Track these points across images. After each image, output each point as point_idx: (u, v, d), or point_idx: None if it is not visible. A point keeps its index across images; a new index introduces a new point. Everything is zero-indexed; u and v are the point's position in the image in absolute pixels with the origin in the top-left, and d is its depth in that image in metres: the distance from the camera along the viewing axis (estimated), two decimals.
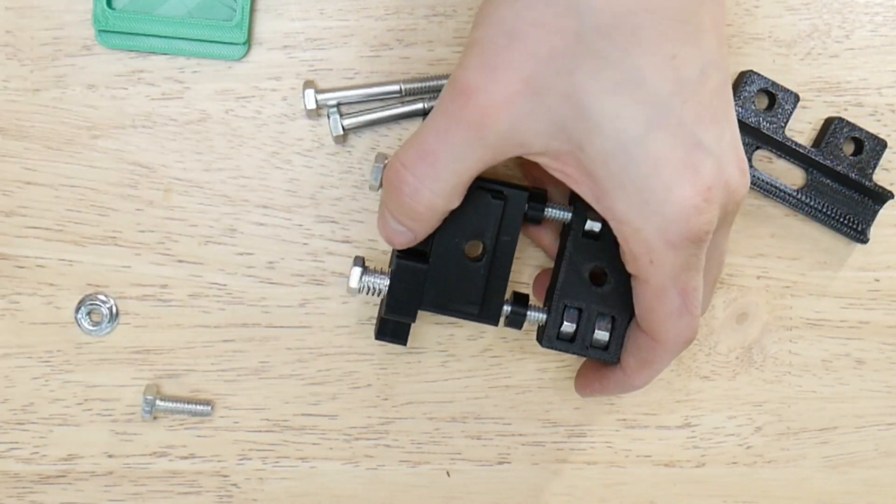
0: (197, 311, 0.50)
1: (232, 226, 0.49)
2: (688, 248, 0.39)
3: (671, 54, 0.38)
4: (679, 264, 0.40)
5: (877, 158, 0.51)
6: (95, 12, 0.47)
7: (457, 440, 0.52)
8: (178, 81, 0.49)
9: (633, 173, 0.38)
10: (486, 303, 0.45)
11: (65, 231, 0.49)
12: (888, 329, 0.53)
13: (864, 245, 0.52)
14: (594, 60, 0.37)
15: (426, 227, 0.43)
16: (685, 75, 0.38)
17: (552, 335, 0.45)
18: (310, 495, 0.51)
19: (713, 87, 0.39)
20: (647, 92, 0.37)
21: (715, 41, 0.39)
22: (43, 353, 0.49)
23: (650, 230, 0.39)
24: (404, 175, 0.41)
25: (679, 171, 0.38)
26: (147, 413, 0.49)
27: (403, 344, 0.47)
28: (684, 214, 0.38)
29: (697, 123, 0.38)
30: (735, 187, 0.40)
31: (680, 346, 0.43)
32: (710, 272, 0.43)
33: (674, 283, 0.40)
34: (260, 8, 0.49)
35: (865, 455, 0.53)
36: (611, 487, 0.53)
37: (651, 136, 0.38)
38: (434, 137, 0.40)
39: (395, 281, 0.45)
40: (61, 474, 0.50)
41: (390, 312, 0.45)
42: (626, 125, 0.38)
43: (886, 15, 0.51)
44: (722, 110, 0.39)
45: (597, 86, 0.38)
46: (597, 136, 0.38)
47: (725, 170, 0.39)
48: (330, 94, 0.48)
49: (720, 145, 0.39)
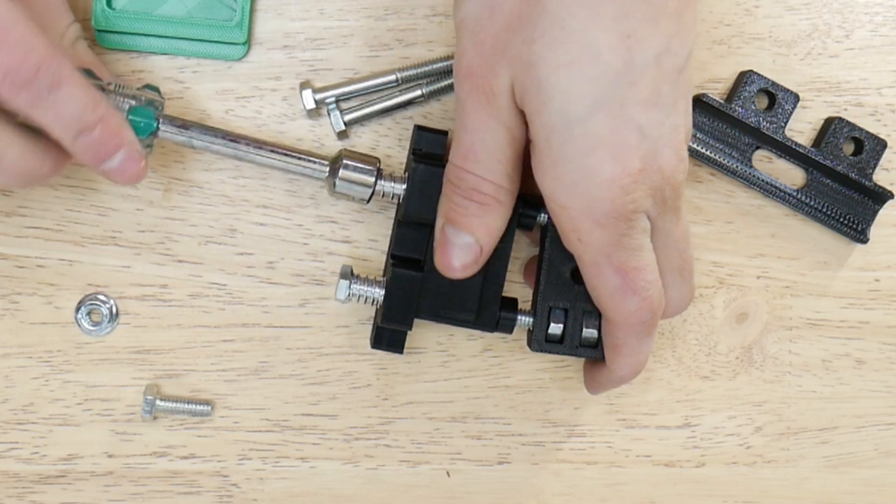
0: (197, 311, 0.50)
1: (232, 226, 0.49)
2: (615, 226, 0.40)
3: (627, 33, 0.38)
4: (609, 242, 0.40)
5: (877, 158, 0.51)
6: (95, 12, 0.47)
7: (457, 440, 0.52)
8: (178, 81, 0.49)
9: (569, 151, 0.39)
10: (482, 310, 0.45)
11: (65, 231, 0.49)
12: (888, 329, 0.53)
13: (864, 245, 0.52)
14: (555, 31, 0.38)
15: (492, 230, 0.43)
16: (638, 56, 0.38)
17: (540, 338, 0.46)
18: (310, 495, 0.51)
19: (665, 72, 0.39)
20: (599, 69, 0.38)
21: (675, 26, 0.39)
22: (43, 353, 0.49)
23: (576, 208, 0.40)
24: (461, 172, 0.42)
25: (611, 152, 0.39)
26: (147, 413, 0.49)
27: (400, 352, 0.47)
28: (609, 194, 0.39)
29: (639, 106, 0.39)
30: (670, 172, 0.40)
31: (637, 328, 0.43)
32: (668, 261, 0.43)
33: (607, 261, 0.41)
34: (260, 8, 0.49)
35: (865, 455, 0.53)
36: (611, 487, 0.53)
37: (593, 117, 0.38)
38: (464, 133, 0.41)
39: (391, 289, 0.45)
40: (61, 474, 0.50)
41: (386, 321, 0.45)
42: (574, 102, 0.38)
43: (886, 15, 0.51)
44: (669, 96, 0.40)
45: (554, 58, 0.38)
46: (546, 111, 0.39)
47: (660, 154, 0.40)
48: (328, 92, 0.48)
49: (659, 130, 0.39)
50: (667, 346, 0.52)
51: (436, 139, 0.45)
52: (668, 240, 0.43)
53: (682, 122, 0.41)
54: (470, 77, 0.40)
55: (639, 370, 0.45)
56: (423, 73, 0.48)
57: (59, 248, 0.49)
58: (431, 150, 0.45)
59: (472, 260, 0.43)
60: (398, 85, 0.49)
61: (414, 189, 0.44)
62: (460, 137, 0.42)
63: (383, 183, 0.45)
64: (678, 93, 0.40)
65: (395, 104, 0.49)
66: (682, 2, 0.39)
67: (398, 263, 0.45)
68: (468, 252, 0.43)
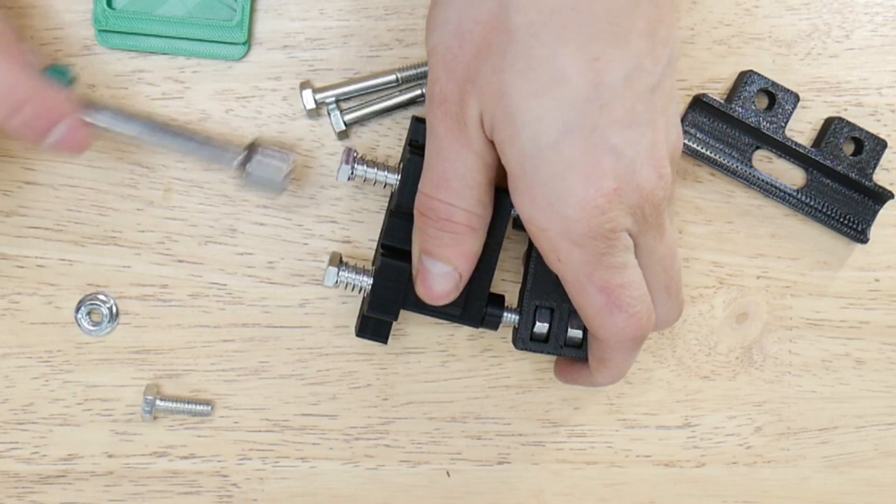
0: (197, 311, 0.50)
1: (232, 226, 0.49)
2: (593, 245, 0.40)
3: (594, 56, 0.38)
4: (589, 262, 0.40)
5: (877, 158, 0.51)
6: (95, 12, 0.47)
7: (457, 440, 0.52)
8: (178, 81, 0.49)
9: (543, 176, 0.39)
10: (469, 305, 0.45)
11: (65, 231, 0.49)
12: (888, 329, 0.53)
13: (864, 245, 0.52)
14: (523, 59, 0.38)
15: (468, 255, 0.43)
16: (607, 79, 0.38)
17: (525, 336, 0.46)
18: (310, 495, 0.51)
19: (637, 91, 0.39)
20: (568, 94, 0.38)
21: (647, 45, 0.39)
22: (43, 353, 0.49)
23: (553, 231, 0.40)
24: (432, 202, 0.42)
25: (585, 174, 0.39)
26: (147, 413, 0.49)
27: (384, 342, 0.47)
28: (585, 214, 0.39)
29: (612, 127, 0.39)
30: (649, 190, 0.40)
31: (625, 344, 0.43)
32: (655, 279, 0.43)
33: (590, 280, 0.41)
34: (260, 8, 0.49)
35: (865, 455, 0.53)
36: (611, 487, 0.53)
37: (564, 142, 0.38)
38: (436, 160, 0.41)
39: (379, 279, 0.45)
40: (61, 474, 0.50)
41: (372, 310, 0.45)
42: (545, 129, 0.38)
43: (886, 15, 0.51)
44: (645, 116, 0.39)
45: (523, 85, 0.38)
46: (518, 139, 0.39)
47: (638, 172, 0.40)
48: (328, 92, 0.48)
49: (635, 149, 0.39)
50: (667, 346, 0.52)
51: None
52: (653, 257, 0.42)
53: (661, 139, 0.40)
54: (443, 105, 0.40)
55: (619, 379, 0.46)
56: (423, 73, 0.48)
57: (59, 248, 0.49)
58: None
59: (453, 287, 0.43)
60: (398, 85, 0.49)
61: (408, 180, 0.44)
62: (431, 165, 0.41)
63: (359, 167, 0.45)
64: (655, 110, 0.40)
65: (396, 104, 0.49)
66: (652, 19, 0.39)
67: (388, 254, 0.45)
68: (447, 280, 0.43)
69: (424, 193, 0.42)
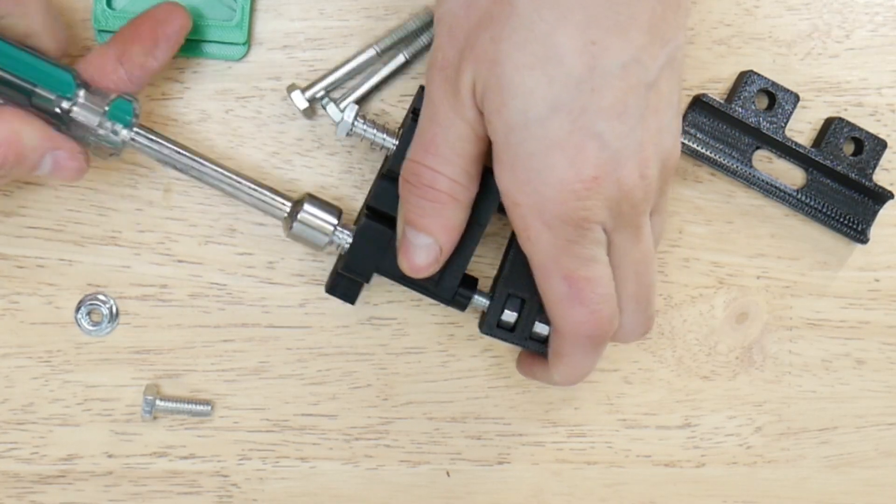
0: (197, 311, 0.50)
1: (232, 226, 0.49)
2: (564, 230, 0.40)
3: (592, 39, 0.38)
4: (558, 246, 0.40)
5: (877, 158, 0.51)
6: (95, 12, 0.47)
7: (457, 440, 0.52)
8: (178, 81, 0.49)
9: (526, 150, 0.39)
10: (442, 281, 0.45)
11: (65, 231, 0.49)
12: (888, 329, 0.53)
13: (864, 245, 0.52)
14: (522, 32, 0.38)
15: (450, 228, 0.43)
16: (602, 64, 0.38)
17: (492, 322, 0.46)
18: (310, 495, 0.51)
19: (632, 84, 0.39)
20: (562, 72, 0.38)
21: (646, 40, 0.39)
22: (43, 353, 0.49)
23: (527, 207, 0.40)
24: (418, 167, 0.42)
25: (567, 155, 0.39)
26: (147, 413, 0.49)
27: (352, 303, 0.47)
28: (561, 196, 0.39)
29: (600, 114, 0.39)
30: (629, 187, 0.40)
31: (581, 341, 0.43)
32: (624, 284, 0.42)
33: (556, 266, 0.41)
34: (260, 8, 0.49)
35: (865, 455, 0.53)
36: (611, 487, 0.53)
37: (552, 118, 0.38)
38: (428, 125, 0.42)
39: (358, 239, 0.45)
40: (61, 474, 0.50)
41: (347, 269, 0.45)
42: (534, 103, 0.38)
43: (886, 15, 0.51)
44: (635, 109, 0.39)
45: (519, 58, 0.38)
46: (506, 109, 0.39)
47: (621, 167, 0.39)
48: (315, 87, 0.48)
49: (622, 142, 0.39)
50: (667, 346, 0.52)
51: None
52: (625, 259, 0.42)
53: (650, 140, 0.40)
54: (442, 69, 0.41)
55: (577, 381, 0.45)
56: (400, 37, 0.48)
57: (59, 248, 0.49)
58: None
59: (433, 260, 0.43)
60: (380, 57, 0.48)
61: (404, 146, 0.44)
62: (423, 129, 0.42)
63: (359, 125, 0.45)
64: (647, 108, 0.40)
65: (385, 76, 0.48)
66: (655, 16, 0.39)
67: (371, 216, 0.45)
68: (428, 253, 0.43)
69: (411, 159, 0.42)
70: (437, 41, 0.41)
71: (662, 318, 0.52)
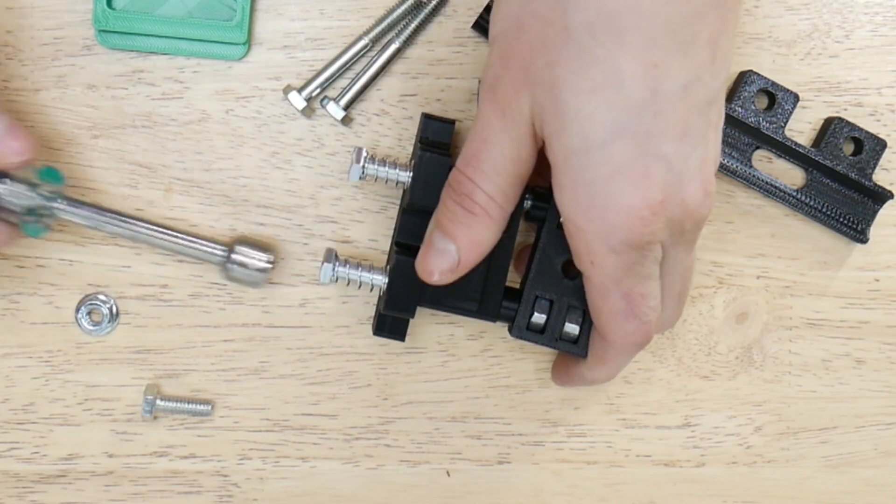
0: (197, 311, 0.50)
1: (232, 226, 0.49)
2: (629, 254, 0.40)
3: (653, 62, 0.37)
4: (620, 269, 0.40)
5: (877, 158, 0.51)
6: (95, 12, 0.47)
7: (457, 440, 0.52)
8: (178, 81, 0.49)
9: (589, 176, 0.39)
10: (485, 299, 0.45)
11: (65, 231, 0.49)
12: (888, 329, 0.53)
13: (864, 245, 0.52)
14: (580, 57, 0.38)
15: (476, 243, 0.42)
16: (664, 86, 0.38)
17: (522, 325, 0.46)
18: (310, 495, 0.51)
19: (694, 103, 0.38)
20: (623, 97, 0.38)
21: (708, 57, 0.38)
22: (43, 353, 0.49)
23: (592, 233, 0.40)
24: (460, 176, 0.42)
25: (632, 181, 0.38)
26: (147, 413, 0.49)
27: (402, 339, 0.47)
28: (627, 223, 0.39)
29: (664, 136, 0.38)
30: (694, 207, 0.40)
31: (629, 349, 0.43)
32: (671, 287, 0.43)
33: (616, 286, 0.41)
34: (260, 8, 0.49)
35: (865, 455, 0.53)
36: (611, 487, 0.53)
37: (614, 144, 0.38)
38: (474, 139, 0.41)
39: (395, 277, 0.45)
40: (61, 474, 0.50)
41: (389, 309, 0.45)
42: (595, 128, 0.38)
43: (886, 15, 0.51)
44: (698, 129, 0.39)
45: (577, 83, 0.38)
46: (566, 133, 0.39)
47: (685, 187, 0.39)
48: (311, 86, 0.48)
49: (685, 163, 0.39)
50: (667, 346, 0.52)
51: (443, 128, 0.45)
52: (677, 268, 0.42)
53: (711, 156, 0.40)
54: (492, 89, 0.41)
55: (612, 378, 0.46)
56: (390, 24, 0.48)
57: (60, 248, 0.49)
58: (438, 139, 0.45)
59: (448, 268, 0.42)
60: (372, 47, 0.48)
61: (420, 177, 0.44)
62: (469, 143, 0.42)
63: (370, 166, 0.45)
64: (708, 124, 0.39)
65: (381, 67, 0.48)
66: (716, 31, 0.38)
67: (402, 251, 0.45)
68: (445, 259, 0.42)
69: (457, 168, 0.42)
70: (490, 59, 0.41)
71: None
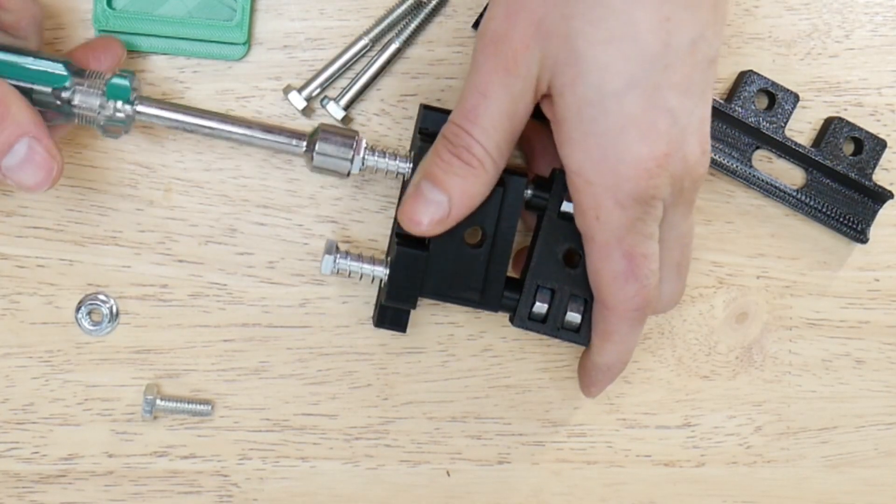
0: (197, 311, 0.50)
1: (232, 226, 0.49)
2: (634, 208, 0.40)
3: (666, 16, 0.39)
4: (624, 224, 0.41)
5: (876, 158, 0.51)
6: (95, 12, 0.47)
7: (457, 440, 0.52)
8: (178, 81, 0.49)
9: (601, 126, 0.39)
10: (487, 289, 0.45)
11: (65, 231, 0.49)
12: (888, 329, 0.53)
13: (864, 245, 0.52)
14: (596, 8, 0.39)
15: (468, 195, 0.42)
16: (675, 40, 0.39)
17: (524, 314, 0.45)
18: (310, 495, 0.51)
19: (698, 60, 0.40)
20: (638, 48, 0.39)
21: (711, 16, 0.40)
22: (43, 353, 0.49)
23: (601, 185, 0.40)
24: (458, 130, 0.42)
25: (642, 132, 0.39)
26: (147, 413, 0.49)
27: (403, 331, 0.47)
28: (635, 175, 0.39)
29: (672, 90, 0.39)
30: (693, 163, 0.41)
31: (630, 314, 0.43)
32: (669, 254, 0.43)
33: (618, 244, 0.41)
34: (260, 8, 0.49)
35: (865, 455, 0.54)
36: (611, 487, 0.53)
37: (627, 95, 0.39)
38: (471, 94, 0.41)
39: (395, 268, 0.45)
40: (61, 474, 0.50)
41: (390, 300, 0.45)
42: (611, 77, 0.39)
43: (886, 15, 0.51)
44: (700, 86, 0.40)
45: (594, 33, 0.39)
46: (580, 83, 0.39)
47: (687, 142, 0.40)
48: (311, 86, 0.48)
49: (689, 118, 0.40)
50: (667, 346, 0.52)
51: (442, 119, 0.45)
52: (674, 232, 0.43)
53: (707, 115, 0.41)
54: (495, 42, 0.41)
55: (626, 360, 0.45)
56: (390, 24, 0.48)
57: (60, 248, 0.49)
58: (437, 130, 0.45)
59: (438, 219, 0.42)
60: (372, 47, 0.48)
61: None
62: (466, 97, 0.42)
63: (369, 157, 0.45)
64: (707, 83, 0.40)
65: (381, 67, 0.48)
66: None
67: (403, 242, 0.45)
68: (438, 209, 0.42)
69: (452, 121, 0.42)
70: (491, 12, 0.41)
71: (662, 318, 0.52)
